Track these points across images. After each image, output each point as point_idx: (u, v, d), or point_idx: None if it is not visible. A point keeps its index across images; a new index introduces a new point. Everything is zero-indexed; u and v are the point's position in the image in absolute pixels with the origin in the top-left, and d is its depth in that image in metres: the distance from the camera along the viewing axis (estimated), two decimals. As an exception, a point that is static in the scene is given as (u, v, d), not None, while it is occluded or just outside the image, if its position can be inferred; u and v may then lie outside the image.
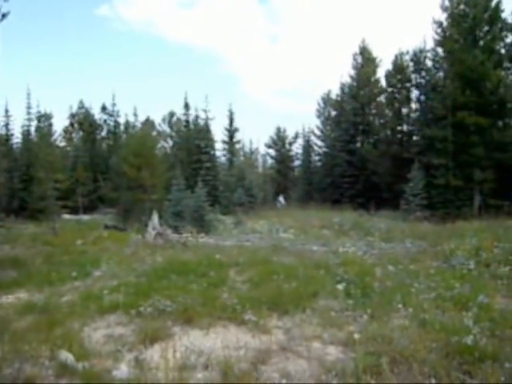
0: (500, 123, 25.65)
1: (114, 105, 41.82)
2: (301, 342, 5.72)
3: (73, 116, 43.53)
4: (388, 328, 5.92)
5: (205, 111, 36.66)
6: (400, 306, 6.80)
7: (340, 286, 7.49)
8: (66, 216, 26.19)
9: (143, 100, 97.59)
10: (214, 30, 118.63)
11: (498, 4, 24.83)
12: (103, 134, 42.99)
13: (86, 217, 28.23)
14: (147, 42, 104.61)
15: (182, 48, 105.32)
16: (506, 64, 25.52)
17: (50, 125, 38.82)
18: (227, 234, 17.58)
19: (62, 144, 41.64)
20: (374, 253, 12.19)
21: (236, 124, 39.28)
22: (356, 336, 5.70)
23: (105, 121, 42.56)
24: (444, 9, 27.36)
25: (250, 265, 10.44)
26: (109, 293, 7.86)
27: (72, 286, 9.09)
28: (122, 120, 43.01)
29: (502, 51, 25.61)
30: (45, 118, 38.02)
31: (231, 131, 38.96)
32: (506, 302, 7.45)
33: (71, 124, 43.38)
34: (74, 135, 43.22)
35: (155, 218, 15.49)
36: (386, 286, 7.96)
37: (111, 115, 42.06)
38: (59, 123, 56.38)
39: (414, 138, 32.81)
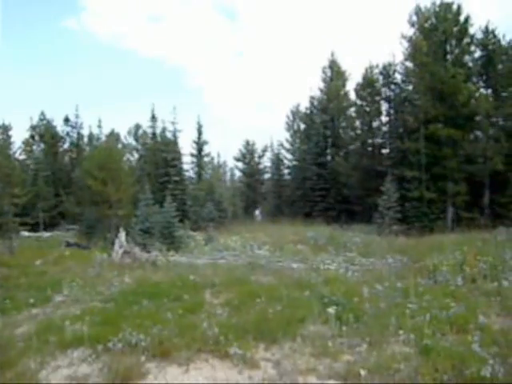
0: (471, 136, 26.03)
1: (77, 116, 40.59)
2: (295, 376, 5.15)
3: (33, 128, 41.62)
4: (389, 356, 5.39)
5: (172, 123, 35.95)
6: (396, 330, 6.24)
7: (330, 310, 6.84)
8: (25, 233, 24.67)
9: (109, 113, 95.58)
10: (181, 44, 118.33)
11: (467, 19, 25.37)
12: (66, 146, 41.47)
13: (46, 234, 26.70)
14: (114, 56, 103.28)
15: (150, 62, 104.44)
16: (474, 79, 26.03)
17: (8, 136, 37.07)
18: (199, 252, 16.72)
19: (22, 157, 39.75)
20: (355, 269, 11.74)
21: (204, 137, 38.65)
22: (356, 368, 5.11)
23: (67, 133, 41.09)
24: (412, 24, 27.80)
25: (227, 285, 9.79)
26: (72, 322, 6.93)
27: (29, 315, 8.06)
28: (85, 132, 41.72)
29: (470, 65, 26.12)
30: (2, 130, 36.27)
31: (200, 144, 38.22)
32: (502, 320, 7.18)
33: (31, 136, 41.44)
34: (34, 148, 41.31)
35: (122, 235, 14.50)
36: (377, 307, 7.42)
37: (74, 127, 40.70)
38: (19, 135, 54.04)
39: (385, 150, 32.97)
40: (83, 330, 6.42)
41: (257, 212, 38.72)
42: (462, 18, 25.34)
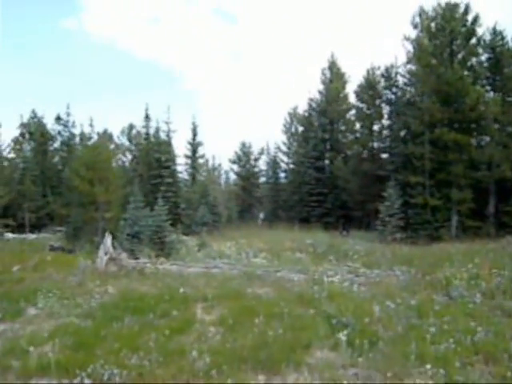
0: (475, 141, 25.26)
1: (68, 114, 39.34)
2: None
3: (24, 126, 40.47)
4: (415, 397, 4.44)
5: (166, 123, 35.05)
6: (418, 359, 5.34)
7: (341, 336, 5.87)
8: (10, 235, 23.54)
9: (103, 114, 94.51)
10: (178, 46, 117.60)
11: (475, 19, 24.70)
12: (56, 145, 40.23)
13: (32, 236, 25.47)
14: (110, 56, 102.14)
15: (146, 63, 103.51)
16: (480, 82, 25.21)
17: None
18: (191, 259, 15.66)
19: (11, 156, 38.57)
20: (360, 282, 10.79)
21: (199, 138, 37.77)
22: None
23: (59, 132, 39.87)
24: (414, 25, 27.07)
25: (221, 299, 8.85)
26: (40, 344, 5.95)
27: (-6, 332, 7.04)
28: (77, 131, 40.57)
29: (477, 67, 25.32)
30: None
31: (194, 145, 37.33)
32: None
33: (21, 134, 40.30)
34: (24, 146, 40.10)
35: (108, 240, 13.43)
36: (393, 330, 6.52)
37: (66, 126, 39.47)
38: (8, 133, 52.69)
39: (385, 155, 32.03)
40: (52, 355, 5.41)
41: (261, 215, 38.05)
42: (469, 18, 24.63)
